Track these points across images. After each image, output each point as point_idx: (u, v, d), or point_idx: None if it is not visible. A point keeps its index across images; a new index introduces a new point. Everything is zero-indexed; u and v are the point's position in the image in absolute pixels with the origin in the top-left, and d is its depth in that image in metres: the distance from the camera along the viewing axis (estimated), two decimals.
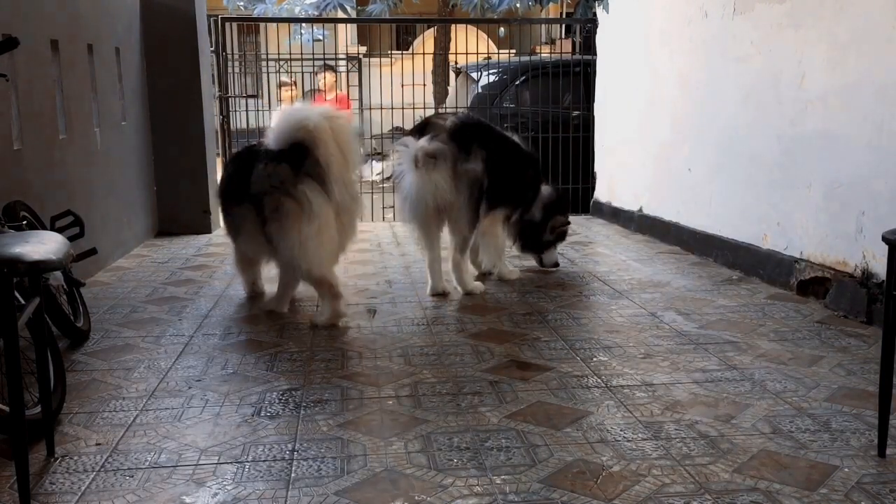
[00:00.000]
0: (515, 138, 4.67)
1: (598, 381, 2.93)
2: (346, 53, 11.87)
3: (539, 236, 4.79)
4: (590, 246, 5.72)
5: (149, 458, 2.33)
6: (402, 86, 7.36)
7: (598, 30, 7.09)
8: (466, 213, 4.18)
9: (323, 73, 9.16)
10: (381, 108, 7.36)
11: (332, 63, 9.42)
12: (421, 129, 4.26)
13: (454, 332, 3.59)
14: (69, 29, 4.59)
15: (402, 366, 3.13)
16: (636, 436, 2.45)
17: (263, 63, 8.42)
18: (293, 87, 9.29)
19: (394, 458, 2.31)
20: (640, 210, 6.14)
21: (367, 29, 17.48)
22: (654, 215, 5.91)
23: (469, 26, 9.28)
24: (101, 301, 4.17)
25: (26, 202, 3.47)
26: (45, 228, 3.33)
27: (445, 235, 4.32)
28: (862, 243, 3.70)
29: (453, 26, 11.33)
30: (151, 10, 6.10)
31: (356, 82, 11.16)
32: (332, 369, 3.09)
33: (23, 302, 2.29)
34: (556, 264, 4.87)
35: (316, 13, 12.87)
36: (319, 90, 9.37)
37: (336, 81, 9.53)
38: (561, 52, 8.98)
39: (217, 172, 6.83)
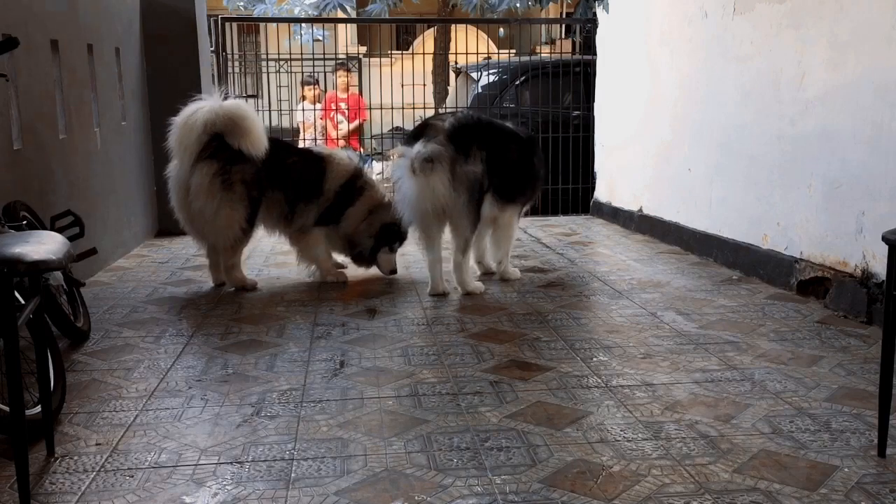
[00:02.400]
0: (512, 126, 4.65)
1: (598, 381, 2.93)
2: (346, 53, 11.87)
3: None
4: (590, 246, 5.71)
5: (149, 458, 2.34)
6: (402, 86, 7.36)
7: (598, 30, 7.09)
8: (467, 214, 4.18)
9: (344, 72, 9.12)
10: (381, 108, 7.35)
11: (346, 62, 9.40)
12: (419, 131, 4.26)
13: (454, 332, 3.59)
14: (69, 29, 4.59)
15: (402, 366, 3.13)
16: (636, 436, 2.45)
17: (263, 63, 8.42)
18: (316, 87, 9.29)
19: (394, 458, 2.31)
20: (640, 210, 6.14)
21: (367, 29, 17.46)
22: (654, 215, 5.91)
23: (469, 26, 9.28)
24: (101, 301, 4.17)
25: (26, 202, 3.47)
26: (45, 228, 3.33)
27: (448, 235, 4.32)
28: (862, 243, 3.70)
29: (453, 26, 11.33)
30: (151, 10, 6.10)
31: (356, 82, 11.17)
32: (332, 369, 3.10)
33: (23, 302, 2.29)
34: None
35: (316, 13, 12.88)
36: (333, 89, 9.36)
37: (348, 80, 9.50)
38: (561, 52, 8.98)
39: None
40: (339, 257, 4.85)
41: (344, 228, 4.60)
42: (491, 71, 8.06)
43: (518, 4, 11.29)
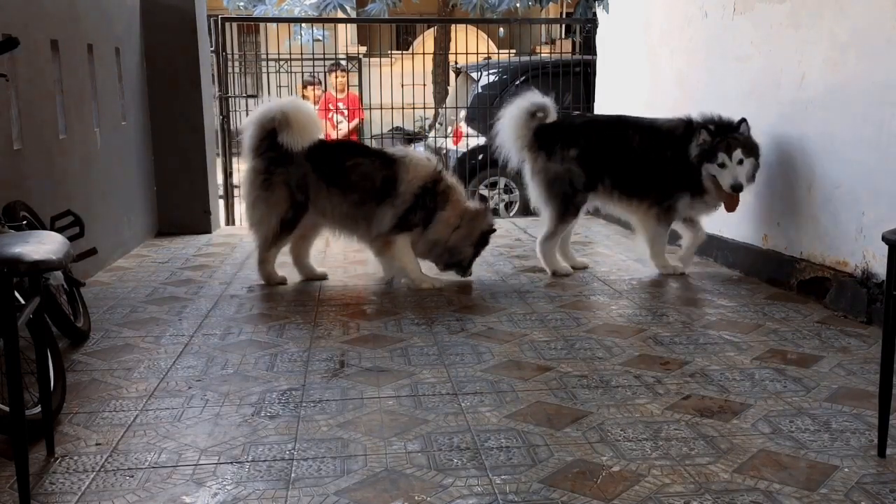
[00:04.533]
0: (649, 120, 4.70)
1: (598, 381, 2.93)
2: (346, 53, 11.87)
3: (694, 175, 4.42)
4: (590, 246, 5.71)
5: (149, 458, 2.34)
6: (402, 86, 7.36)
7: (598, 30, 7.09)
8: (549, 206, 4.59)
9: (335, 73, 9.12)
10: (381, 108, 7.35)
11: (342, 62, 9.39)
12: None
13: (454, 332, 3.59)
14: (69, 29, 4.59)
15: (402, 366, 3.13)
16: (636, 436, 2.45)
17: (263, 63, 8.43)
18: (316, 87, 9.28)
19: (394, 458, 2.31)
20: None
21: (366, 29, 17.49)
22: None
23: (469, 26, 9.27)
24: (101, 301, 4.17)
25: (26, 202, 3.47)
26: (45, 228, 3.33)
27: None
28: (862, 243, 3.70)
29: (453, 26, 11.33)
30: (151, 10, 6.10)
31: (356, 82, 11.16)
32: (332, 369, 3.10)
33: (23, 302, 2.29)
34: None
35: (316, 13, 12.88)
36: (329, 89, 9.36)
37: (347, 80, 9.49)
38: (561, 52, 8.98)
39: (217, 172, 6.83)
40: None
41: (433, 234, 4.37)
42: (491, 71, 8.06)
43: (518, 4, 11.31)
